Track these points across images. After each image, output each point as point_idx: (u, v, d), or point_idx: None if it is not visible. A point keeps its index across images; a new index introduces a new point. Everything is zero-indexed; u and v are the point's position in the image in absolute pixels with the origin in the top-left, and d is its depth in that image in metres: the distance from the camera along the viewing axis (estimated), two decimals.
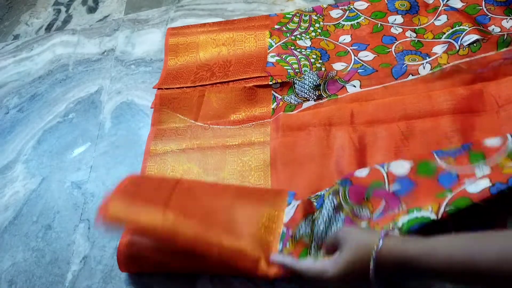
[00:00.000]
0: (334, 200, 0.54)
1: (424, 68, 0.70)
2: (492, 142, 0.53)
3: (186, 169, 0.71)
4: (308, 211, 0.55)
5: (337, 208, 0.54)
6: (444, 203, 0.47)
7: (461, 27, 0.74)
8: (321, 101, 0.72)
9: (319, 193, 0.58)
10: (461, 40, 0.71)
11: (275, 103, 0.76)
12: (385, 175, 0.54)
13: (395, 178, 0.53)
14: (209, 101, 0.79)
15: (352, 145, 0.64)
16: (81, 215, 0.71)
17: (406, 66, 0.71)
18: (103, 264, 0.64)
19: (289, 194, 0.59)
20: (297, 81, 0.75)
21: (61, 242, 0.68)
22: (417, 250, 0.39)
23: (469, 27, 0.72)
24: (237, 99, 0.78)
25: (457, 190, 0.49)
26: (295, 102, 0.74)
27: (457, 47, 0.70)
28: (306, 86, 0.74)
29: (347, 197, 0.54)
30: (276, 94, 0.77)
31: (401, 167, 0.54)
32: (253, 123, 0.74)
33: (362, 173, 0.55)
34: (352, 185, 0.55)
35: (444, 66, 0.68)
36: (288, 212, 0.56)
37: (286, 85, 0.77)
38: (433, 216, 0.47)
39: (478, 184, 0.48)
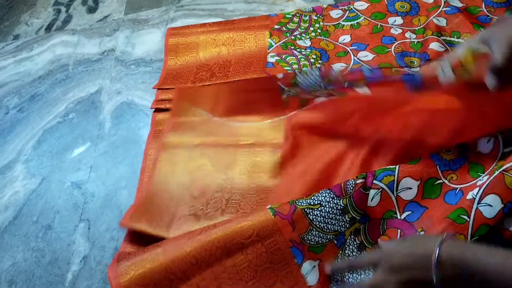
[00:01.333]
0: (356, 239, 0.56)
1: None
2: (485, 146, 0.56)
3: (199, 165, 0.70)
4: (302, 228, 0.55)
5: (360, 247, 0.56)
6: (469, 236, 0.49)
7: (459, 39, 0.74)
8: (331, 97, 0.71)
9: (315, 194, 0.57)
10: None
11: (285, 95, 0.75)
12: (394, 201, 0.56)
13: (405, 205, 0.56)
14: (225, 98, 0.79)
15: (360, 145, 0.64)
16: (81, 215, 0.71)
17: (420, 77, 0.70)
18: (103, 264, 0.64)
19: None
20: (300, 76, 0.74)
21: (61, 242, 0.68)
22: (476, 251, 0.42)
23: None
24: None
25: (472, 212, 0.50)
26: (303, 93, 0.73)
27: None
28: (310, 81, 0.73)
29: (368, 236, 0.56)
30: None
31: (409, 190, 0.56)
32: (269, 121, 0.74)
33: (373, 202, 0.56)
34: (369, 221, 0.57)
35: None
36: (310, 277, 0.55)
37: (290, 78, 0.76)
38: None
39: (492, 207, 0.49)
